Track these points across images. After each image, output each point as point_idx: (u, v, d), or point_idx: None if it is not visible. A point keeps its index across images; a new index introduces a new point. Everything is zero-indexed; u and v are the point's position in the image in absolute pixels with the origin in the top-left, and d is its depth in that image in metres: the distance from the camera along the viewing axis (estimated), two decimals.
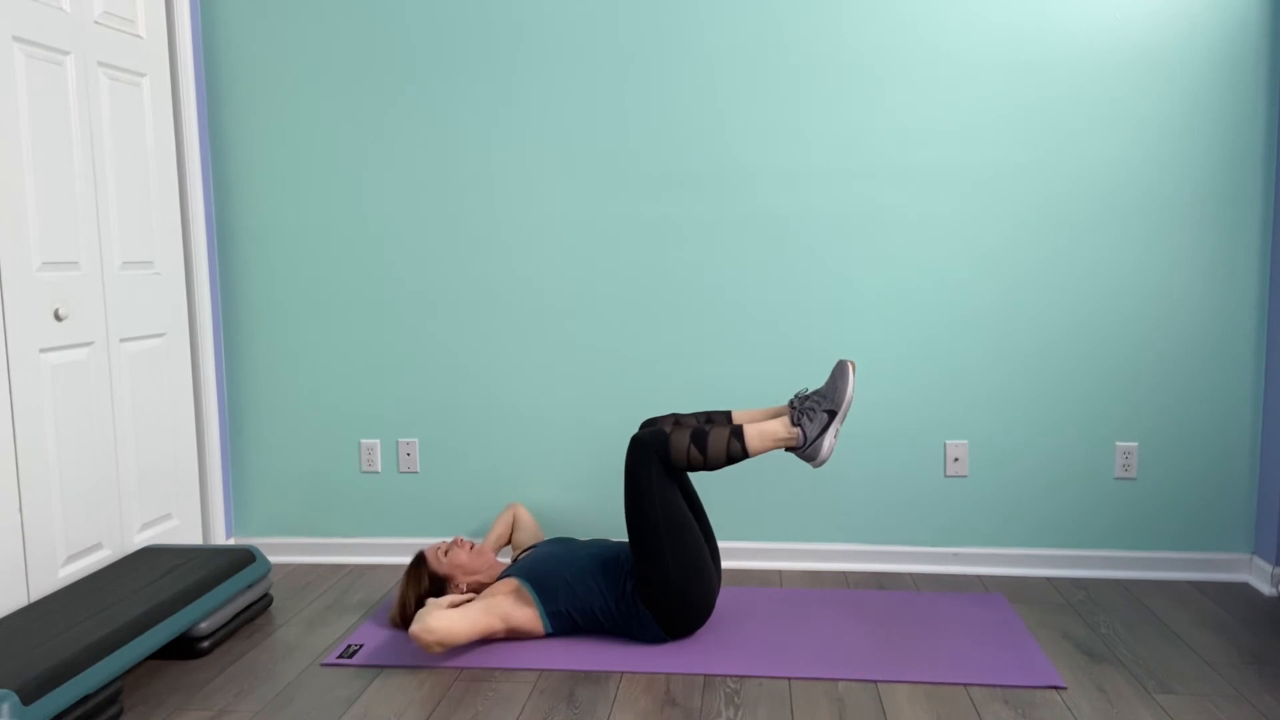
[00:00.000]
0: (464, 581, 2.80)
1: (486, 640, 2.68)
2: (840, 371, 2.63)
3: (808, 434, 2.62)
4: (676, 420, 2.82)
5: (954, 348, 3.19)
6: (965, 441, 3.22)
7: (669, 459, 2.59)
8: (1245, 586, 3.10)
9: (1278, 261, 3.04)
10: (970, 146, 3.12)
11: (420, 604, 2.74)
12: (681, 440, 2.60)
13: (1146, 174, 3.08)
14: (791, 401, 2.70)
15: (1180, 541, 3.18)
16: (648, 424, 2.84)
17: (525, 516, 3.22)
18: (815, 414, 2.62)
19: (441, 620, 2.50)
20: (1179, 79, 3.04)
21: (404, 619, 2.76)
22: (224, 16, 3.29)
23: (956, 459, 3.22)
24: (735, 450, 2.60)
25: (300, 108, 3.31)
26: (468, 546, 2.84)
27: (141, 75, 3.04)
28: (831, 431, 2.61)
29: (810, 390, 2.72)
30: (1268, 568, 3.04)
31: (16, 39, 2.54)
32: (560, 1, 3.18)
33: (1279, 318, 3.04)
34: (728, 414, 2.85)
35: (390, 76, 3.27)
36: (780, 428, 2.63)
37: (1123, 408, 3.16)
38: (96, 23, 2.84)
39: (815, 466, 2.66)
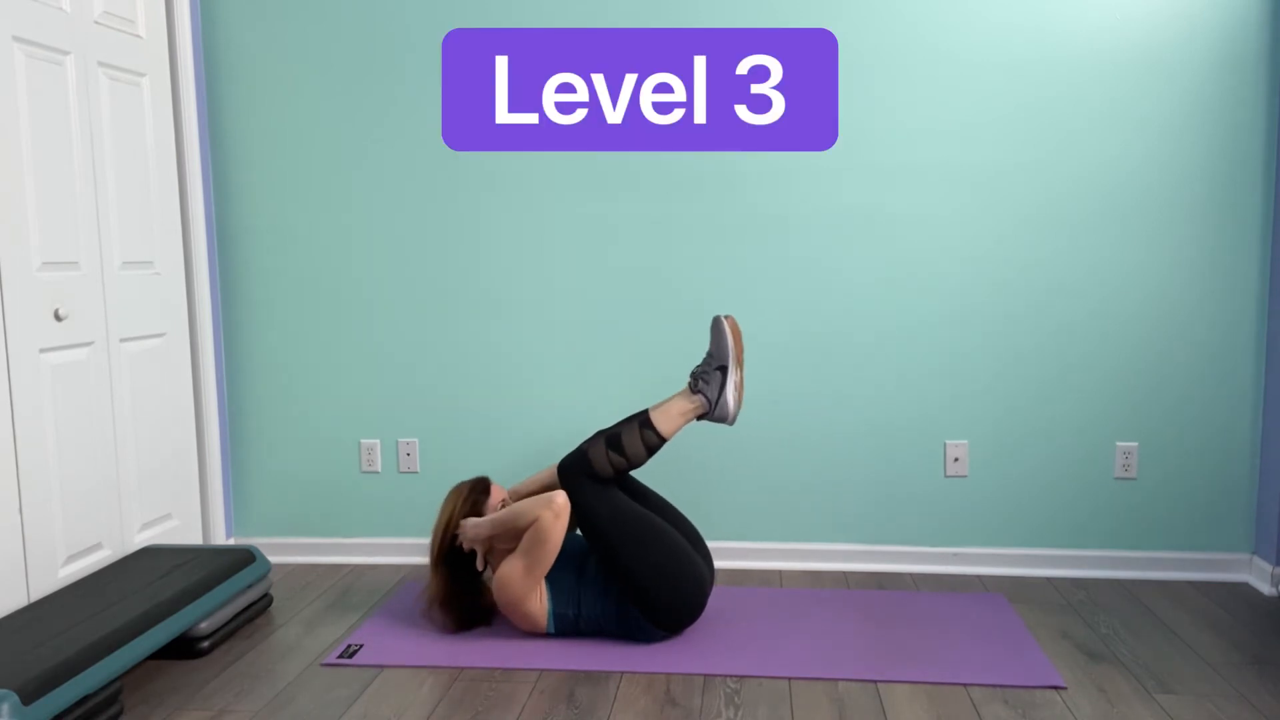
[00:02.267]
0: (498, 544, 2.72)
1: (498, 598, 2.64)
2: (715, 327, 2.74)
3: (710, 397, 2.71)
4: (596, 435, 2.80)
5: (954, 348, 3.19)
6: (965, 441, 3.22)
7: (594, 473, 2.65)
8: (1245, 586, 3.10)
9: (1278, 261, 3.04)
10: (970, 146, 3.12)
11: (462, 518, 2.74)
12: (599, 450, 2.66)
13: (1146, 174, 3.08)
14: (689, 379, 2.79)
15: (1180, 541, 3.18)
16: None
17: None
18: (710, 375, 2.71)
19: (558, 538, 2.57)
20: (1179, 79, 3.04)
21: (441, 536, 2.73)
22: (224, 16, 3.29)
23: (956, 459, 3.22)
24: (650, 439, 2.68)
25: (300, 108, 3.31)
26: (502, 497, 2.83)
27: (141, 75, 3.04)
28: (730, 386, 2.70)
29: (698, 369, 2.78)
30: (1268, 568, 3.04)
31: (16, 39, 2.54)
32: (566, 10, 3.19)
33: (1279, 318, 3.03)
34: (643, 411, 2.82)
35: (390, 76, 3.27)
36: (683, 401, 2.72)
37: (1123, 408, 3.16)
38: (96, 23, 2.84)
39: (730, 424, 2.75)
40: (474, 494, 2.79)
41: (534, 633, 2.70)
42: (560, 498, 2.60)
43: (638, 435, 2.67)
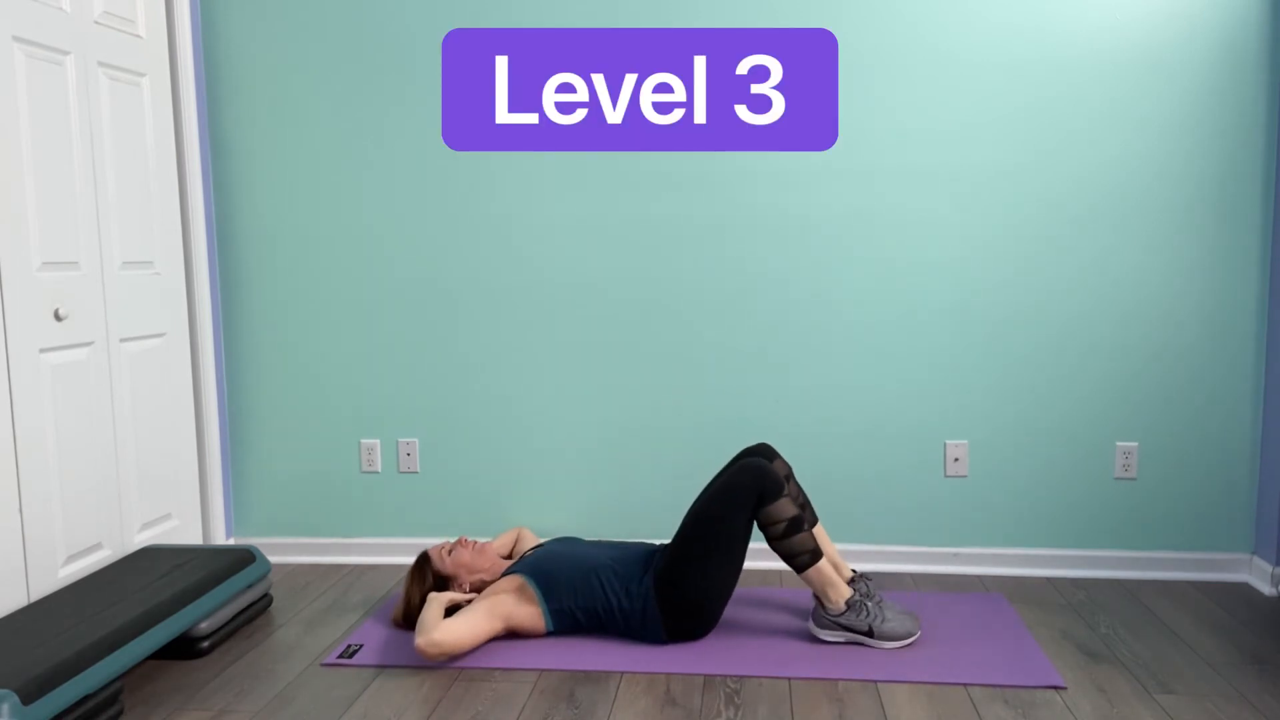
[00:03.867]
0: (468, 580, 2.80)
1: (490, 639, 2.68)
2: (913, 624, 2.64)
3: (843, 618, 2.63)
4: (788, 477, 2.81)
5: (954, 348, 3.19)
6: (965, 441, 3.22)
7: (766, 507, 2.59)
8: (1245, 586, 3.10)
9: (1278, 261, 3.04)
10: (970, 146, 3.12)
11: (424, 601, 2.74)
12: (786, 510, 2.59)
13: (1146, 174, 3.08)
14: (856, 578, 2.71)
15: (1180, 541, 3.18)
16: (763, 451, 2.83)
17: (529, 536, 3.20)
18: (863, 616, 2.62)
19: (447, 633, 2.51)
20: (1179, 79, 3.04)
21: (407, 618, 2.77)
22: (224, 16, 3.29)
23: (956, 459, 3.22)
24: (800, 563, 2.60)
25: (300, 108, 3.31)
26: (471, 545, 2.84)
27: (141, 75, 3.04)
28: (846, 637, 2.64)
29: (874, 592, 2.68)
30: (1268, 568, 3.04)
31: (16, 39, 2.54)
32: (566, 11, 3.19)
33: (1279, 317, 3.03)
34: (815, 519, 2.86)
35: (390, 76, 3.27)
36: (836, 592, 2.62)
37: (1123, 408, 3.16)
38: (96, 23, 2.84)
39: (808, 628, 2.70)
40: (420, 572, 2.79)
41: (536, 634, 2.70)
42: (429, 653, 2.49)
43: (801, 550, 2.58)
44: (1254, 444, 3.13)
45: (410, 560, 3.40)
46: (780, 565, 3.28)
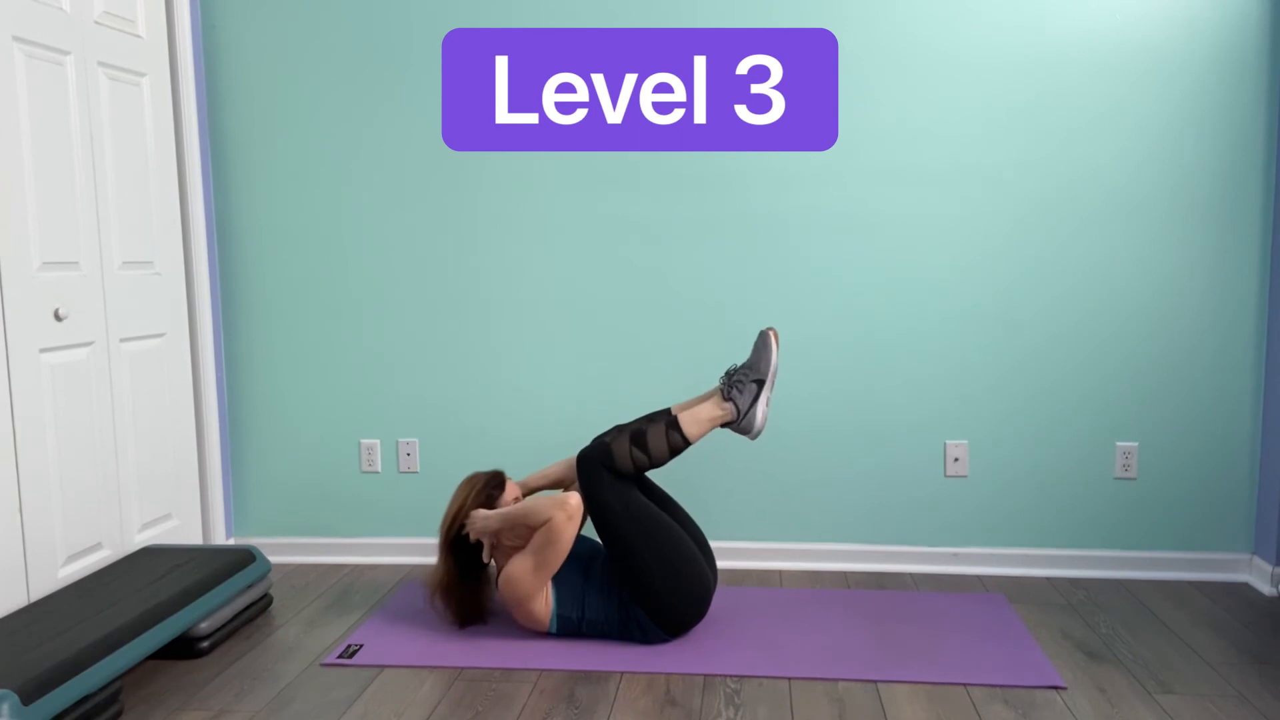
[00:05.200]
0: (506, 539, 2.70)
1: (502, 594, 2.66)
2: (763, 341, 2.71)
3: (740, 407, 2.68)
4: (618, 428, 2.79)
5: (954, 348, 3.19)
6: (965, 441, 3.22)
7: (614, 466, 2.63)
8: (1245, 586, 3.10)
9: (1278, 261, 3.04)
10: (970, 146, 3.12)
11: (473, 507, 2.73)
12: (622, 445, 2.64)
13: (1147, 174, 3.08)
14: (721, 379, 2.76)
15: (1180, 541, 3.18)
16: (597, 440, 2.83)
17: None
18: (745, 386, 2.68)
19: (572, 533, 2.58)
20: (1179, 79, 3.04)
21: (449, 526, 2.72)
22: (224, 16, 3.29)
23: (956, 459, 3.22)
24: (676, 441, 2.65)
25: (300, 108, 3.31)
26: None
27: (141, 75, 3.04)
28: (763, 400, 2.68)
29: (739, 365, 2.75)
30: (1268, 568, 3.04)
31: (16, 39, 2.54)
32: (566, 11, 3.19)
33: (1279, 318, 3.03)
34: (667, 410, 2.82)
35: (390, 76, 3.27)
36: (713, 407, 2.69)
37: (1123, 408, 3.16)
38: (96, 23, 2.84)
39: (752, 438, 2.73)
40: (488, 487, 2.78)
41: (535, 632, 2.70)
42: (574, 499, 2.60)
43: (664, 435, 2.66)
44: (1254, 444, 3.13)
45: (410, 560, 3.39)
46: (782, 565, 3.28)
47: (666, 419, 2.68)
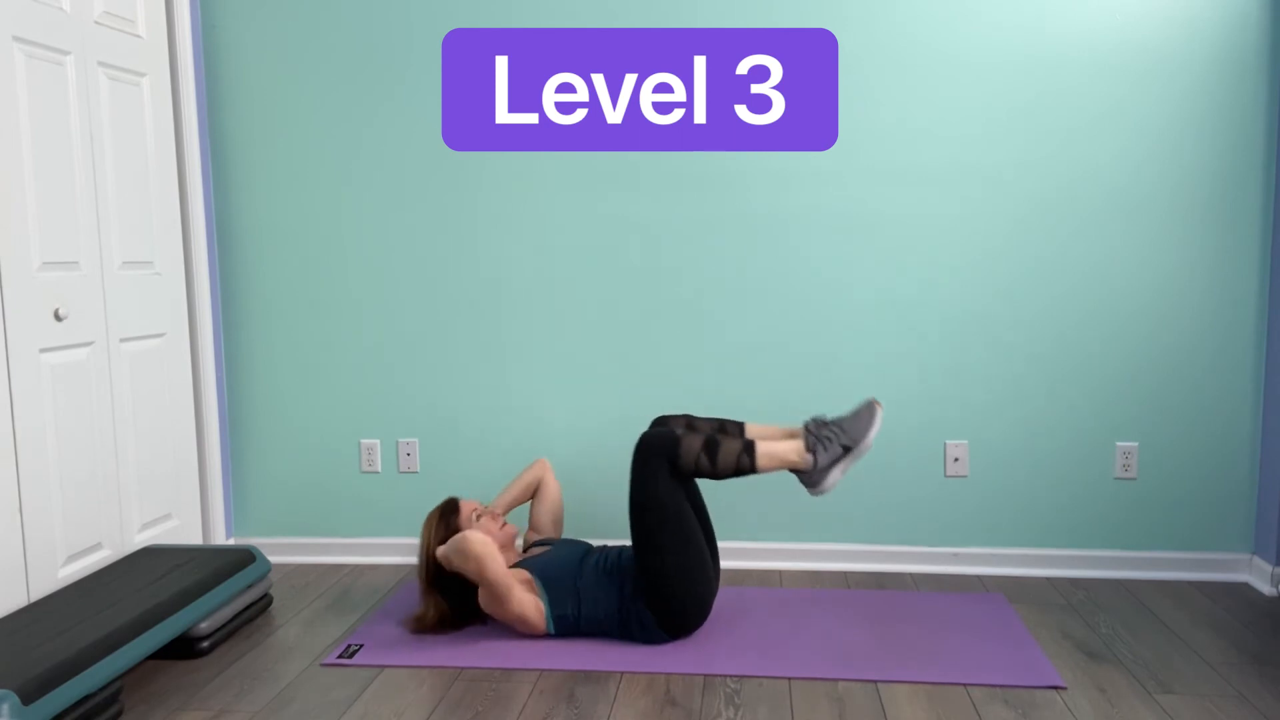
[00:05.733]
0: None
1: (487, 612, 2.68)
2: (869, 411, 2.62)
3: (819, 462, 2.61)
4: (689, 423, 2.80)
5: (954, 348, 3.19)
6: (965, 441, 3.22)
7: (678, 462, 2.58)
8: (1245, 586, 3.10)
9: (1278, 261, 3.04)
10: (970, 146, 3.12)
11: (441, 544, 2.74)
12: (693, 446, 2.58)
13: (1147, 174, 3.08)
14: (807, 425, 2.67)
15: (1180, 541, 3.18)
16: (659, 422, 2.82)
17: (551, 485, 3.10)
18: (831, 445, 2.60)
19: (492, 547, 2.55)
20: (1179, 79, 3.04)
21: (425, 566, 2.74)
22: (224, 16, 3.29)
23: (956, 459, 3.22)
24: (744, 465, 2.59)
25: (300, 108, 3.31)
26: (500, 523, 2.83)
27: (141, 75, 3.04)
28: (841, 467, 2.61)
29: (828, 417, 2.69)
30: (1268, 568, 3.04)
31: (16, 39, 2.54)
32: (566, 11, 3.19)
33: (1279, 318, 3.03)
34: (740, 425, 2.82)
35: (390, 76, 3.27)
36: (793, 451, 2.61)
37: (1123, 408, 3.16)
38: (96, 23, 2.84)
39: (813, 495, 2.67)
40: (444, 518, 2.78)
41: (536, 635, 2.70)
42: (470, 544, 2.54)
43: (736, 456, 2.58)
44: (1254, 444, 3.13)
45: (410, 560, 3.39)
46: (782, 565, 3.28)
47: (744, 440, 2.61)
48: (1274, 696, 2.34)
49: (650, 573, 2.60)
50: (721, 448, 2.58)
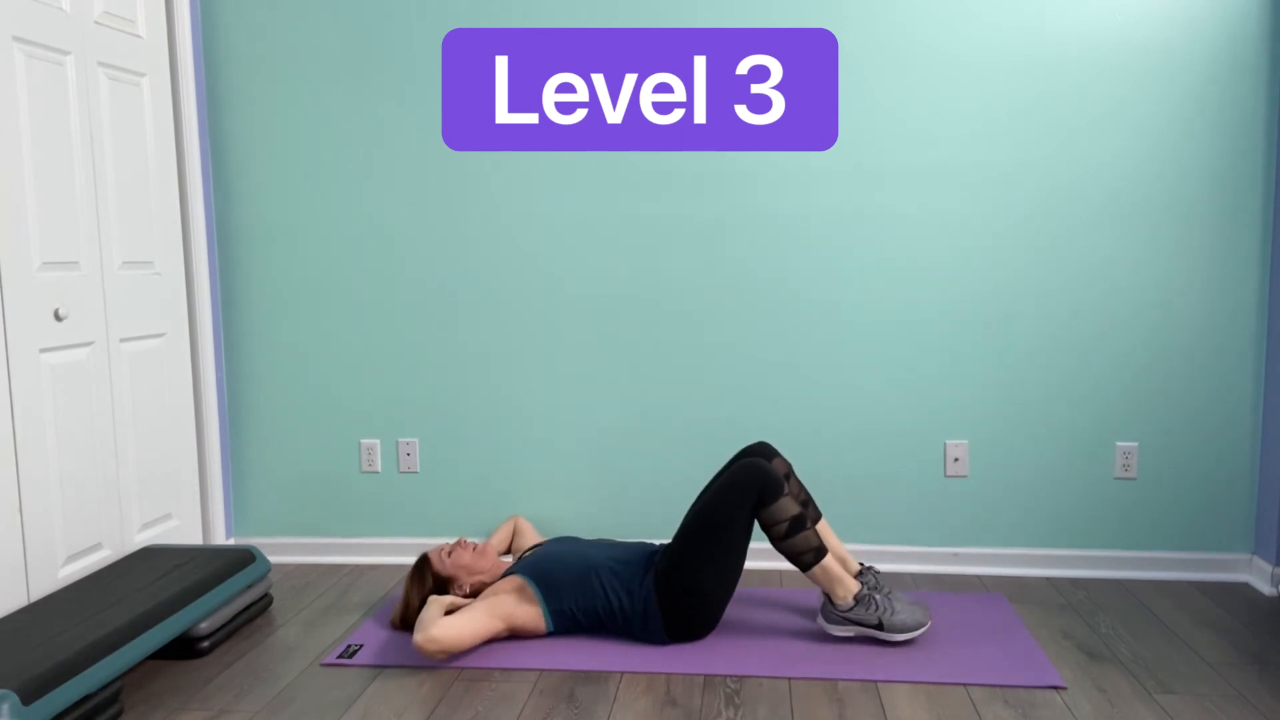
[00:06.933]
0: (468, 582, 2.80)
1: (489, 640, 2.68)
2: (923, 614, 2.63)
3: (852, 613, 2.62)
4: (789, 475, 2.82)
5: (954, 348, 3.19)
6: (965, 441, 3.22)
7: (766, 507, 2.58)
8: (1245, 586, 3.10)
9: (1278, 261, 3.04)
10: (970, 146, 3.12)
11: (423, 604, 2.74)
12: (788, 510, 2.58)
13: (1147, 174, 3.08)
14: (863, 572, 2.76)
15: (1180, 541, 3.18)
16: (762, 450, 2.83)
17: (526, 526, 3.24)
18: (872, 609, 2.61)
19: (446, 629, 2.51)
20: (1179, 79, 3.04)
21: (405, 620, 2.76)
22: (224, 16, 3.29)
23: (956, 459, 3.22)
24: (804, 561, 2.59)
25: (300, 107, 3.31)
26: (471, 547, 2.85)
27: (141, 75, 3.04)
28: (857, 630, 2.63)
29: (883, 586, 2.72)
30: (1268, 568, 3.04)
31: (16, 39, 2.54)
32: (566, 11, 3.19)
33: (1279, 318, 3.03)
34: (819, 515, 2.86)
35: (390, 76, 3.27)
36: (843, 588, 2.61)
37: (1123, 408, 3.16)
38: (96, 23, 2.84)
39: (815, 623, 2.72)
40: (420, 575, 2.79)
41: (537, 634, 2.70)
42: (424, 647, 2.49)
43: (804, 550, 2.57)
44: (1254, 444, 3.13)
45: (411, 560, 3.40)
46: (782, 565, 3.28)
47: (819, 544, 2.60)
48: (1274, 696, 2.34)
49: (684, 575, 2.61)
50: (802, 533, 2.59)
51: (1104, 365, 3.15)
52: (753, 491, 2.58)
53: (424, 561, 2.82)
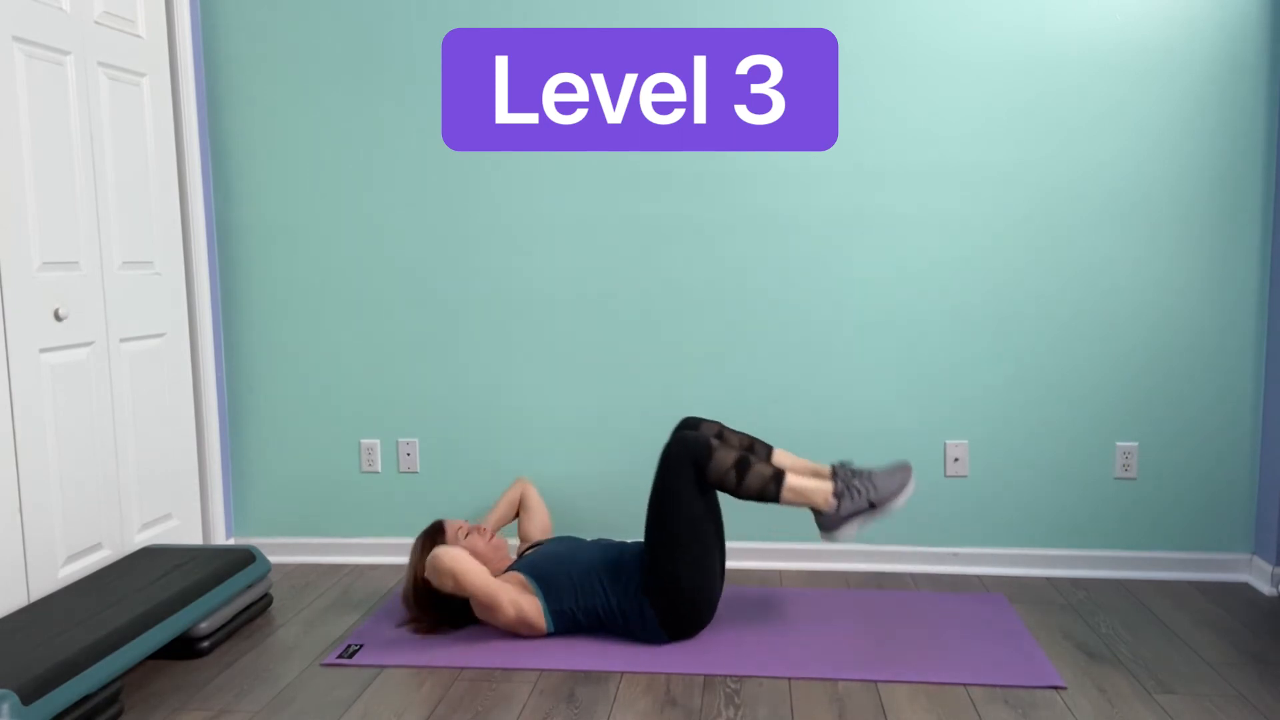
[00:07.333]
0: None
1: (486, 622, 2.69)
2: (903, 473, 2.62)
3: (841, 510, 2.60)
4: (720, 433, 2.80)
5: (954, 347, 3.19)
6: (965, 441, 3.22)
7: (707, 471, 2.59)
8: (1245, 586, 3.10)
9: (1278, 261, 3.04)
10: (970, 146, 3.12)
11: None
12: (725, 459, 2.58)
13: (1147, 174, 3.08)
14: (836, 469, 2.67)
15: (1180, 541, 3.18)
16: (688, 423, 2.83)
17: (534, 499, 3.16)
18: (858, 497, 2.60)
19: (470, 560, 2.58)
20: (1179, 79, 3.04)
21: (415, 588, 2.75)
22: (224, 16, 3.29)
23: (956, 459, 3.22)
24: (769, 493, 2.58)
25: (300, 108, 3.31)
26: (488, 536, 2.85)
27: (141, 75, 3.04)
28: (860, 521, 2.61)
29: (856, 465, 2.67)
30: (1268, 568, 3.04)
31: (16, 39, 2.54)
32: (566, 11, 3.19)
33: (1279, 318, 3.03)
34: (769, 449, 2.83)
35: (390, 76, 3.27)
36: (819, 493, 2.60)
37: (1123, 408, 3.16)
38: (96, 23, 2.84)
39: (824, 540, 2.67)
40: (430, 540, 2.80)
41: (538, 635, 2.70)
42: (440, 559, 2.59)
43: (764, 482, 2.58)
44: (1254, 444, 3.13)
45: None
46: (782, 565, 3.28)
47: (774, 469, 2.59)
48: (1274, 696, 2.34)
49: (661, 571, 2.61)
50: (751, 469, 2.58)
51: (1104, 365, 3.15)
52: (686, 462, 2.58)
53: (438, 530, 2.82)
